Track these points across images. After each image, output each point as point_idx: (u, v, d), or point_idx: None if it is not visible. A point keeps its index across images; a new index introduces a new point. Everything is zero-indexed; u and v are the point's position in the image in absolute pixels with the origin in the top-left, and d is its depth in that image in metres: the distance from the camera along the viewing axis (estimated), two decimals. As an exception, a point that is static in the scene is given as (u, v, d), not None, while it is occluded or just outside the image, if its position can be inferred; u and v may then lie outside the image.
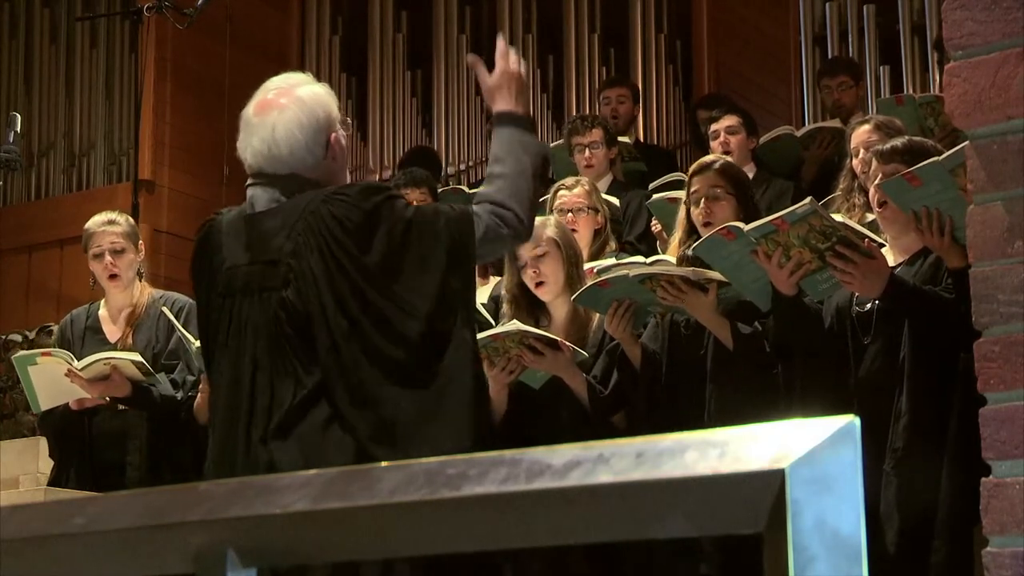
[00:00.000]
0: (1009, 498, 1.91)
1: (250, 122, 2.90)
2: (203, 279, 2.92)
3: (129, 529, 0.94)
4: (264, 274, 2.79)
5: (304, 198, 2.81)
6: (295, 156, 2.84)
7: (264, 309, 2.76)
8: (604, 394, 3.94)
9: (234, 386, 2.78)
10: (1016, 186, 1.97)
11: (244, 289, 2.81)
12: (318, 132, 2.87)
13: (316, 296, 2.72)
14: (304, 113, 2.87)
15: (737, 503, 0.78)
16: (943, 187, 3.27)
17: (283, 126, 2.85)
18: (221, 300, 2.84)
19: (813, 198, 3.52)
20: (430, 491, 0.84)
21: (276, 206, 2.84)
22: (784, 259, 3.44)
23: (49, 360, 4.38)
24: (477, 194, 2.93)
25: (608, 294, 3.83)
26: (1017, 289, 1.96)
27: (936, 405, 3.35)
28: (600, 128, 5.81)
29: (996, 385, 1.96)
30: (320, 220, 2.74)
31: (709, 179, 3.93)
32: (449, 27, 8.13)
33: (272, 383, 2.73)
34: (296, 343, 2.73)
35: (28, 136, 7.57)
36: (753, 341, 3.72)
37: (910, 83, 7.20)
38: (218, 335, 2.84)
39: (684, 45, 7.82)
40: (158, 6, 6.14)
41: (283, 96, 2.91)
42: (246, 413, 2.74)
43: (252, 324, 2.77)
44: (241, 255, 2.84)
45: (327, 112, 2.91)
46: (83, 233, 4.67)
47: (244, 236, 2.85)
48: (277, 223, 2.81)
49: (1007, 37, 2.01)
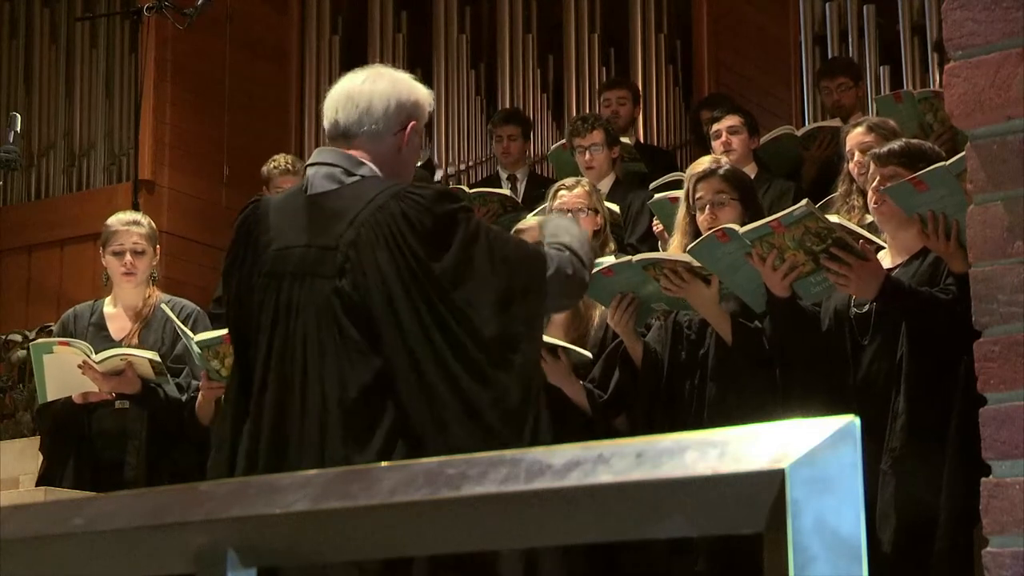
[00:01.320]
0: (1009, 498, 1.91)
1: (342, 82, 2.90)
2: (245, 260, 2.81)
3: (129, 529, 0.94)
4: (319, 259, 2.70)
5: (371, 186, 2.74)
6: (372, 113, 2.81)
7: (315, 295, 2.67)
8: (604, 398, 3.94)
9: (281, 374, 2.68)
10: (1016, 186, 1.97)
11: (295, 272, 2.72)
12: (402, 105, 2.85)
13: (382, 293, 2.64)
14: (401, 84, 2.88)
15: (737, 503, 0.78)
16: (950, 191, 3.27)
17: (372, 81, 2.86)
18: (266, 280, 2.75)
19: (809, 200, 3.53)
20: (430, 491, 0.84)
21: (338, 188, 2.77)
22: (778, 261, 3.45)
23: (66, 350, 4.39)
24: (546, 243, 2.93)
25: (612, 284, 3.82)
26: (1017, 289, 1.96)
27: (933, 405, 3.35)
28: (601, 130, 5.81)
29: (996, 385, 1.96)
30: (390, 217, 2.67)
31: (713, 185, 3.93)
32: (449, 27, 8.12)
33: (330, 370, 2.63)
34: (353, 334, 2.63)
35: (28, 136, 7.57)
36: (753, 337, 3.72)
37: (910, 83, 7.19)
38: (261, 315, 2.74)
39: (684, 45, 7.81)
40: (158, 6, 6.14)
41: (379, 70, 2.92)
42: (299, 399, 2.65)
43: (303, 308, 2.68)
44: (297, 236, 2.75)
45: (417, 99, 2.90)
46: (103, 229, 4.69)
47: (303, 216, 2.77)
48: (340, 207, 2.73)
49: (1007, 37, 2.01)
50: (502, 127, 6.82)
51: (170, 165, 7.36)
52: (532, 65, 7.93)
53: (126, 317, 4.64)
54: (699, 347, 3.87)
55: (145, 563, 0.98)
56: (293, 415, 2.66)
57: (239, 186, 7.17)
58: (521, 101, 7.82)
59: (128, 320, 4.63)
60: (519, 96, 7.87)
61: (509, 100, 7.84)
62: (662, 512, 0.80)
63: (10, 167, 4.75)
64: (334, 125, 2.84)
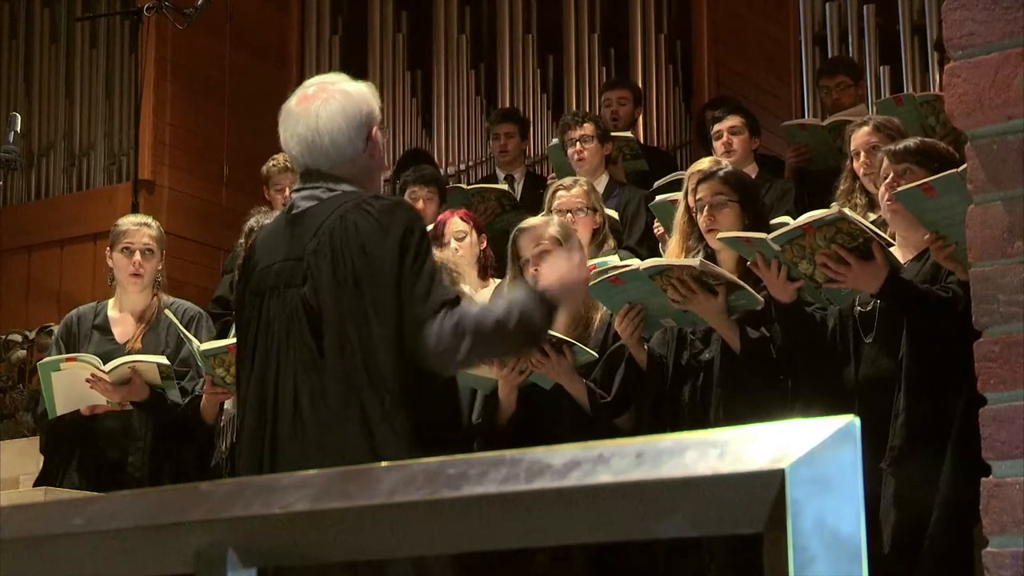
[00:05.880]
0: (1009, 498, 1.91)
1: (291, 112, 2.92)
2: (240, 283, 3.00)
3: (129, 529, 0.94)
4: (292, 270, 2.84)
5: (340, 199, 2.85)
6: (337, 146, 2.86)
7: (286, 305, 2.82)
8: (607, 399, 3.93)
9: (260, 382, 2.83)
10: (1016, 186, 1.97)
11: (274, 285, 2.86)
12: (361, 125, 2.89)
13: (331, 299, 2.76)
14: (349, 103, 2.90)
15: (737, 503, 0.78)
16: (961, 199, 3.25)
17: (327, 114, 2.87)
18: (252, 298, 2.90)
19: (840, 208, 3.54)
20: (430, 491, 0.84)
21: (315, 204, 2.87)
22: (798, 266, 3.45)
23: (73, 365, 4.38)
24: (463, 304, 2.80)
25: (620, 293, 3.81)
26: (1017, 289, 1.95)
27: (934, 404, 3.35)
28: (591, 123, 5.81)
29: (996, 385, 1.96)
30: (347, 225, 2.79)
31: (713, 187, 3.92)
32: (449, 27, 8.12)
33: (290, 378, 2.77)
34: (309, 340, 2.77)
35: (28, 136, 7.56)
36: (761, 346, 3.71)
37: (910, 83, 7.19)
38: (248, 333, 2.89)
39: (684, 45, 7.81)
40: (158, 6, 6.14)
41: (325, 89, 2.93)
42: (271, 408, 2.78)
43: (276, 320, 2.83)
44: (277, 253, 2.90)
45: (370, 107, 2.94)
46: (112, 228, 4.71)
47: (282, 235, 2.91)
48: (313, 221, 2.85)
49: (1007, 37, 2.01)
50: (499, 125, 6.83)
51: (170, 165, 7.36)
52: (532, 65, 7.93)
53: (130, 320, 4.64)
54: (703, 351, 3.86)
55: (145, 563, 0.98)
56: (267, 423, 2.79)
57: (239, 186, 7.17)
58: (521, 101, 7.81)
59: (132, 323, 4.63)
60: (519, 96, 7.86)
61: (509, 100, 7.84)
62: (662, 512, 0.80)
63: (10, 167, 4.74)
64: (304, 167, 2.91)
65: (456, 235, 4.83)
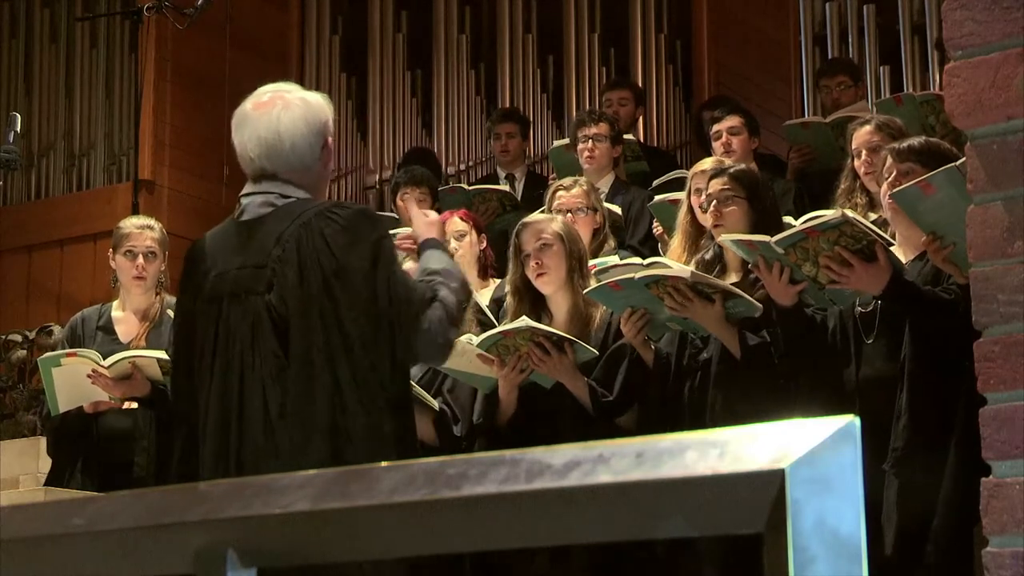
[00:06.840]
0: (1009, 498, 1.91)
1: (248, 116, 2.92)
2: (187, 290, 2.94)
3: (129, 529, 0.94)
4: (252, 277, 2.82)
5: (298, 206, 2.84)
6: (296, 152, 2.87)
7: (249, 312, 2.79)
8: (609, 398, 3.93)
9: (223, 393, 2.78)
10: (1016, 186, 1.97)
11: (232, 292, 2.83)
12: (319, 133, 2.92)
13: (298, 307, 2.75)
14: (309, 111, 2.92)
15: (737, 503, 0.78)
16: (959, 193, 3.24)
17: (288, 119, 2.88)
18: (207, 306, 2.85)
19: (843, 211, 3.53)
20: (430, 491, 0.84)
21: (269, 211, 2.87)
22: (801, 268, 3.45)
23: (74, 361, 4.38)
24: (437, 290, 2.90)
25: (622, 298, 3.82)
26: (1017, 289, 1.95)
27: (936, 404, 3.35)
28: (607, 123, 5.81)
29: (996, 385, 1.96)
30: (311, 233, 2.79)
31: (720, 183, 3.91)
32: (449, 27, 8.12)
33: (258, 387, 2.75)
34: (275, 346, 2.75)
35: (28, 136, 7.56)
36: (761, 351, 3.70)
37: (910, 83, 7.19)
38: (204, 342, 2.84)
39: (684, 45, 7.80)
40: (158, 6, 6.14)
41: (282, 97, 2.93)
42: (236, 419, 2.75)
43: (239, 328, 2.79)
44: (231, 260, 2.86)
45: (327, 116, 2.97)
46: (114, 231, 4.72)
47: (235, 241, 2.88)
48: (272, 228, 2.83)
49: (1007, 37, 2.01)
50: (500, 125, 6.83)
51: (170, 165, 7.36)
52: (532, 65, 7.92)
53: (134, 320, 4.65)
54: (702, 352, 3.86)
55: (145, 563, 0.98)
56: (233, 430, 2.76)
57: (239, 186, 7.12)
58: (521, 101, 7.81)
59: (136, 323, 4.64)
60: (519, 96, 7.86)
61: (509, 100, 7.83)
62: (662, 512, 0.80)
63: (10, 167, 4.74)
64: (260, 170, 2.91)
65: (456, 235, 4.83)
